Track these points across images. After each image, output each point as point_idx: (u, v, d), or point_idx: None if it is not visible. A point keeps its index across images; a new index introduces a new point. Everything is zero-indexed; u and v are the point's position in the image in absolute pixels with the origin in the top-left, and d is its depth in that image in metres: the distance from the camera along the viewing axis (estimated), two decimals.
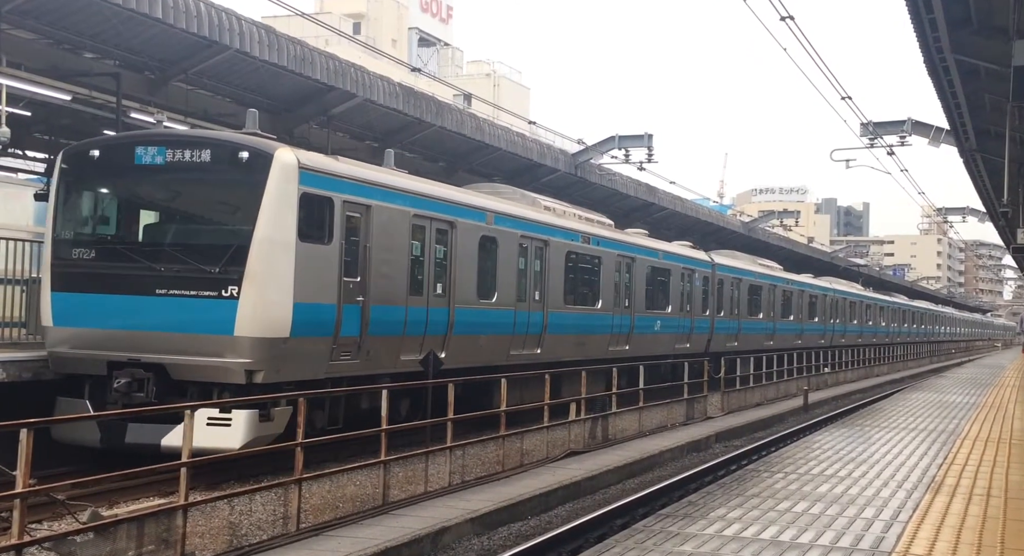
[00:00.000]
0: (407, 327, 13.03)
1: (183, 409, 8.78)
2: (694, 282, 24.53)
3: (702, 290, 25.22)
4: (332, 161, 12.26)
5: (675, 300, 23.32)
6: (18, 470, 7.14)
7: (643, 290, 21.37)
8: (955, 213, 36.36)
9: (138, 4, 12.61)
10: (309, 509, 9.79)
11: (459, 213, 14.40)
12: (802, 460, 11.55)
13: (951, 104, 14.05)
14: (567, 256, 17.90)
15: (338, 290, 11.67)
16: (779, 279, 32.76)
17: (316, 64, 15.82)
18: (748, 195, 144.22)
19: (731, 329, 27.45)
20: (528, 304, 16.46)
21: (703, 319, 25.22)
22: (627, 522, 10.64)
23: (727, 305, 27.23)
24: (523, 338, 16.28)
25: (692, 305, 24.44)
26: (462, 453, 12.60)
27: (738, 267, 28.84)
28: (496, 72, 73.01)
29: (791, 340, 33.19)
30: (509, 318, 15.84)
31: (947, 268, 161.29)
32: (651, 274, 22.01)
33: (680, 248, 25.09)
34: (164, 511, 8.34)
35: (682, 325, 23.75)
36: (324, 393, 11.61)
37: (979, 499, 9.09)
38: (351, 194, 11.99)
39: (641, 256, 21.39)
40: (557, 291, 17.41)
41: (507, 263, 15.76)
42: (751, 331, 29.22)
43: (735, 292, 27.92)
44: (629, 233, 22.66)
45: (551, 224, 17.53)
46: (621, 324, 20.11)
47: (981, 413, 18.74)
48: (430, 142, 20.43)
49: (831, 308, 39.14)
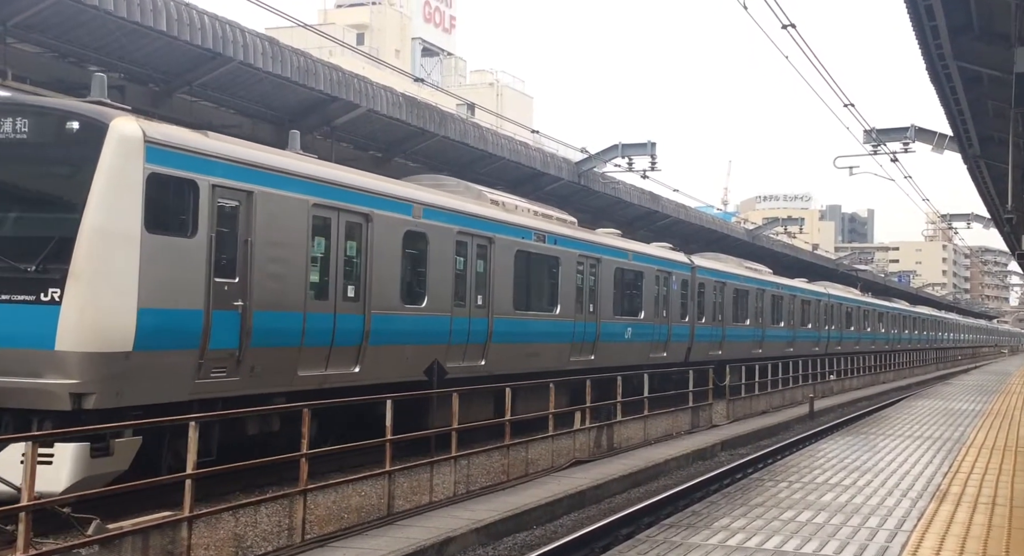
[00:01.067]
0: (307, 337, 11.12)
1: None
2: (671, 286, 22.70)
3: (680, 294, 23.37)
4: (196, 136, 10.20)
5: (649, 305, 21.42)
6: (23, 483, 7.16)
7: (610, 294, 19.49)
8: (960, 219, 36.29)
9: (142, 17, 12.67)
10: (314, 520, 9.79)
11: (376, 204, 12.51)
12: (807, 469, 11.53)
13: (954, 111, 14.04)
14: (517, 256, 16.06)
15: (206, 293, 9.75)
16: (768, 283, 31.04)
17: (319, 75, 15.88)
18: (752, 202, 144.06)
19: (714, 336, 25.63)
20: (468, 310, 14.59)
21: (682, 326, 23.36)
22: (632, 531, 10.64)
23: (709, 311, 25.35)
24: (462, 348, 14.41)
25: (669, 311, 22.58)
26: (467, 463, 12.59)
27: (721, 270, 26.96)
28: (499, 81, 73.18)
29: (782, 348, 31.63)
30: (443, 326, 13.94)
31: (952, 274, 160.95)
32: (620, 277, 20.15)
33: (655, 249, 23.29)
34: (169, 523, 8.35)
35: (657, 333, 21.90)
36: (215, 416, 9.74)
37: (984, 508, 9.07)
38: (225, 177, 10.08)
39: (608, 257, 19.47)
40: (505, 295, 15.53)
41: (440, 263, 13.89)
42: (737, 339, 27.40)
43: (718, 297, 26.07)
44: (598, 232, 20.91)
45: (497, 220, 15.60)
46: (584, 332, 18.30)
47: (987, 420, 18.68)
48: (433, 152, 20.47)
49: (826, 314, 37.60)
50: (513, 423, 13.94)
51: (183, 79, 14.75)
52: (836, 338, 39.03)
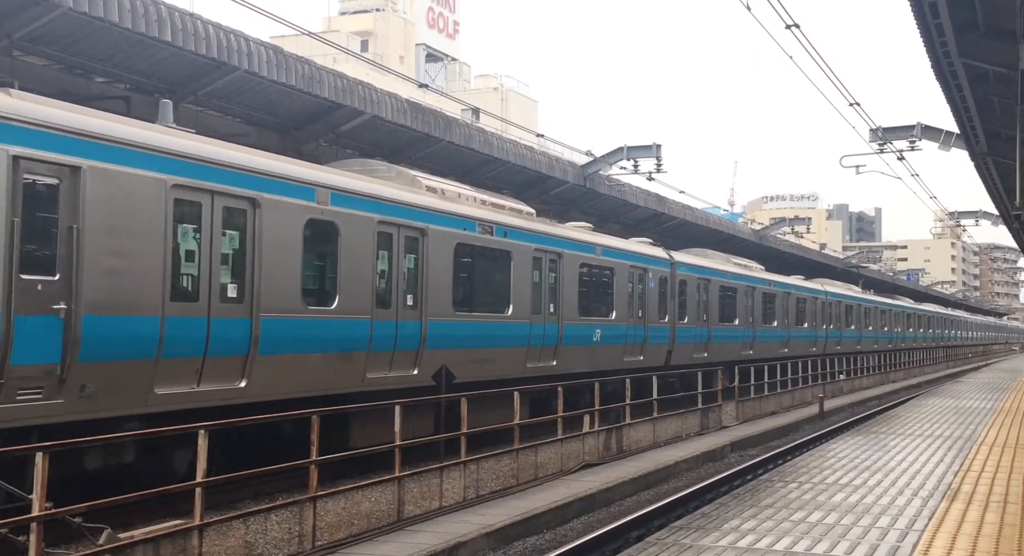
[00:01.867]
0: (166, 346, 9.37)
1: None
2: (647, 283, 20.97)
3: (659, 293, 21.64)
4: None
5: (622, 305, 19.63)
6: (34, 494, 7.19)
7: (575, 293, 17.70)
8: (968, 217, 36.19)
9: (148, 28, 12.74)
10: (324, 527, 9.81)
11: (266, 187, 10.75)
12: (817, 469, 11.50)
13: (960, 108, 14.01)
14: (458, 249, 14.38)
15: (4, 293, 7.98)
16: (759, 280, 29.15)
17: (324, 82, 15.93)
18: (759, 203, 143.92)
19: (698, 338, 23.93)
20: (396, 311, 12.85)
21: (660, 327, 21.66)
22: (642, 534, 10.62)
23: (693, 310, 23.59)
24: (387, 356, 12.68)
25: (646, 311, 20.87)
26: (476, 467, 12.60)
27: (705, 266, 25.14)
28: (503, 86, 73.27)
29: (775, 349, 30.01)
30: (362, 330, 12.21)
31: (962, 272, 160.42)
32: (586, 274, 18.43)
33: (628, 244, 21.37)
34: (180, 531, 8.37)
35: (632, 335, 20.14)
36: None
37: (996, 506, 9.03)
38: (38, 148, 8.29)
39: (571, 251, 17.70)
40: (443, 294, 13.82)
41: (356, 257, 12.11)
42: (724, 339, 25.71)
43: (702, 295, 24.29)
44: (563, 226, 19.01)
45: (431, 208, 13.82)
46: (544, 335, 16.68)
47: (998, 418, 18.61)
48: (439, 157, 20.50)
49: (823, 312, 35.72)
50: (522, 427, 13.80)
51: (188, 89, 14.81)
52: (835, 337, 37.34)
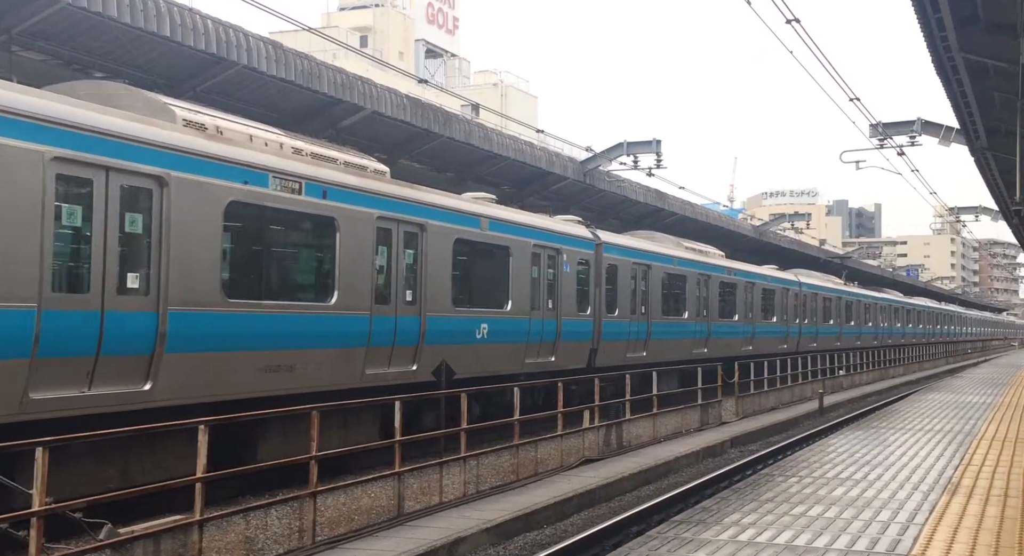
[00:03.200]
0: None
1: None
2: (560, 267, 17.38)
3: (578, 280, 18.16)
4: None
5: (521, 293, 16.08)
6: (35, 489, 7.19)
7: (446, 278, 14.04)
8: (968, 212, 36.20)
9: (146, 23, 12.72)
10: (324, 522, 9.80)
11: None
12: (817, 464, 11.50)
13: (960, 103, 14.00)
14: (234, 212, 10.38)
15: None
16: (715, 267, 25.45)
17: (324, 78, 15.91)
18: (759, 199, 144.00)
19: (634, 334, 20.50)
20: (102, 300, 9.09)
21: (580, 321, 18.14)
22: (643, 529, 10.62)
23: (626, 301, 20.05)
24: None
25: (559, 301, 17.36)
26: (476, 463, 12.60)
27: (643, 249, 21.36)
28: (503, 82, 73.24)
29: (737, 346, 26.78)
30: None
31: (961, 268, 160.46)
32: (465, 252, 14.67)
33: (532, 217, 17.38)
34: (180, 527, 8.36)
35: (537, 330, 16.65)
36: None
37: (996, 500, 9.03)
38: None
39: (440, 224, 13.85)
40: (196, 277, 9.96)
41: None
42: (669, 336, 22.32)
43: (639, 283, 20.73)
44: (439, 192, 14.72)
45: (170, 147, 9.69)
46: (395, 331, 12.87)
47: (998, 413, 18.62)
48: (438, 153, 20.49)
49: (796, 305, 32.38)
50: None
51: (188, 84, 14.79)
52: (810, 333, 33.92)
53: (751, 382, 25.43)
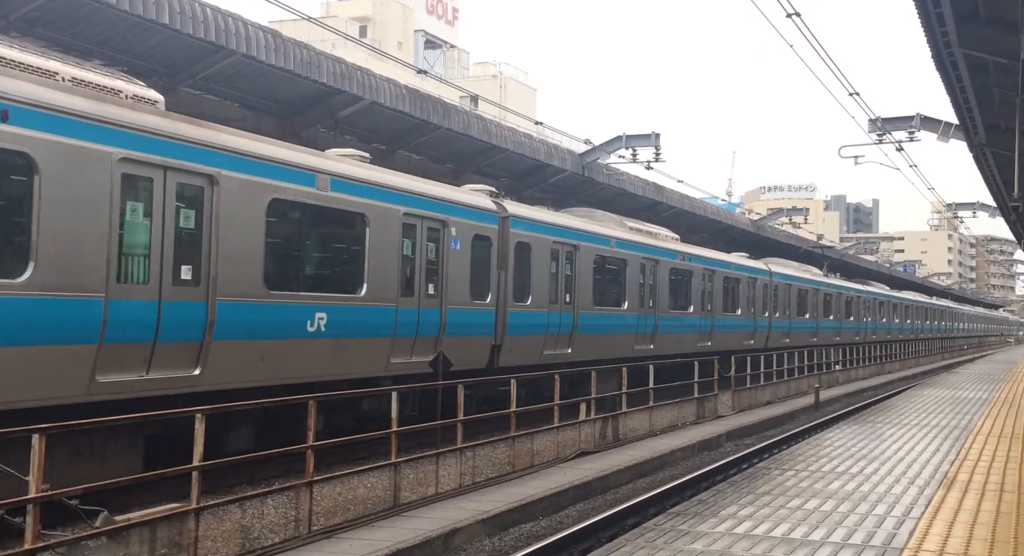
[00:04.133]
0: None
1: None
2: (445, 243, 14.11)
3: (473, 261, 14.84)
4: None
5: (384, 276, 12.85)
6: (31, 475, 7.19)
7: (253, 252, 10.71)
8: (965, 208, 36.23)
9: (145, 10, 12.67)
10: (320, 511, 9.81)
11: None
12: (813, 457, 11.52)
13: (960, 99, 13.98)
14: None
15: None
16: (665, 252, 22.36)
17: (323, 67, 15.87)
18: (756, 193, 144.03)
19: (555, 327, 17.30)
20: None
21: (477, 311, 14.89)
22: (638, 521, 10.63)
23: (542, 288, 16.80)
24: None
25: (444, 286, 14.05)
26: (472, 454, 12.61)
27: (567, 227, 18.13)
28: (502, 73, 73.11)
29: (692, 342, 23.83)
30: None
31: (958, 264, 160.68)
32: (283, 217, 11.42)
33: (395, 177, 13.61)
34: (176, 515, 8.36)
35: (408, 323, 13.31)
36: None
37: (992, 494, 9.06)
38: None
39: (235, 175, 10.43)
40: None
41: None
42: (604, 330, 19.35)
43: (562, 267, 17.59)
44: (237, 134, 10.98)
45: None
46: (166, 322, 9.62)
47: (994, 409, 18.66)
48: (437, 144, 20.46)
49: (766, 297, 29.80)
50: None
51: (187, 72, 14.75)
52: (782, 328, 31.13)
53: (747, 376, 25.47)
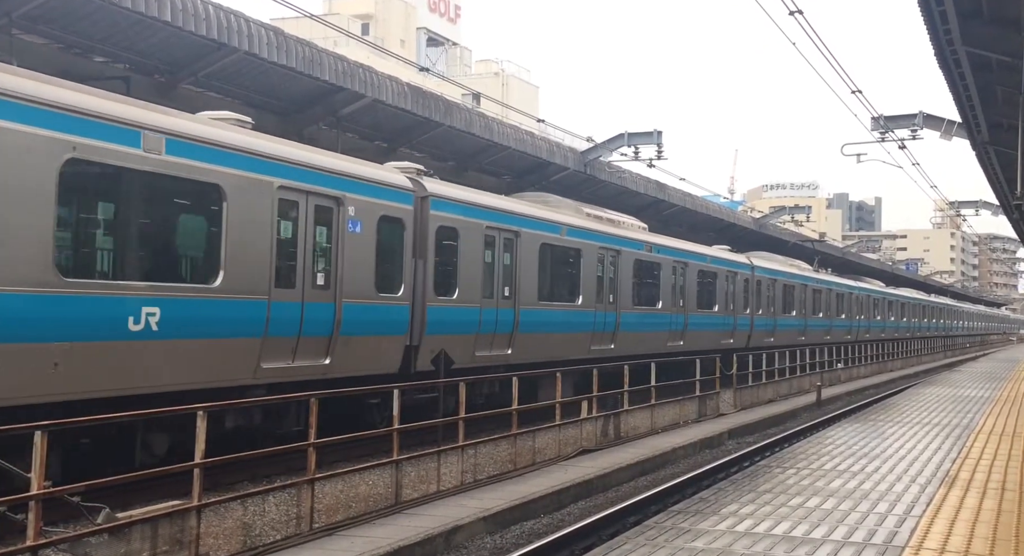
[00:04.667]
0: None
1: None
2: (340, 225, 12.05)
3: (376, 246, 12.70)
4: None
5: (243, 263, 10.65)
6: (33, 472, 7.19)
7: (34, 227, 8.37)
8: (968, 207, 36.16)
9: (147, 7, 12.66)
10: (322, 509, 9.82)
11: None
12: (815, 456, 11.52)
13: (962, 97, 13.96)
14: None
15: None
16: (628, 242, 20.49)
17: (325, 65, 15.85)
18: (759, 191, 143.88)
19: (490, 324, 15.08)
20: None
21: (381, 305, 12.82)
22: (639, 519, 10.63)
23: (473, 279, 14.66)
24: None
25: (338, 275, 12.01)
26: (474, 452, 12.61)
27: (504, 210, 15.84)
28: (504, 71, 73.05)
29: (661, 341, 21.81)
30: None
31: (961, 262, 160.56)
32: (137, 196, 9.68)
33: (267, 142, 11.32)
34: (178, 512, 8.37)
35: (284, 319, 11.18)
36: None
37: (993, 493, 9.05)
38: None
39: (80, 139, 8.67)
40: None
41: None
42: (553, 327, 17.21)
43: (500, 256, 15.51)
44: None
45: None
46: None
47: (996, 407, 18.65)
48: (439, 142, 20.45)
49: (747, 293, 27.86)
50: None
51: (188, 70, 14.74)
52: (766, 327, 29.30)
53: (749, 374, 25.47)
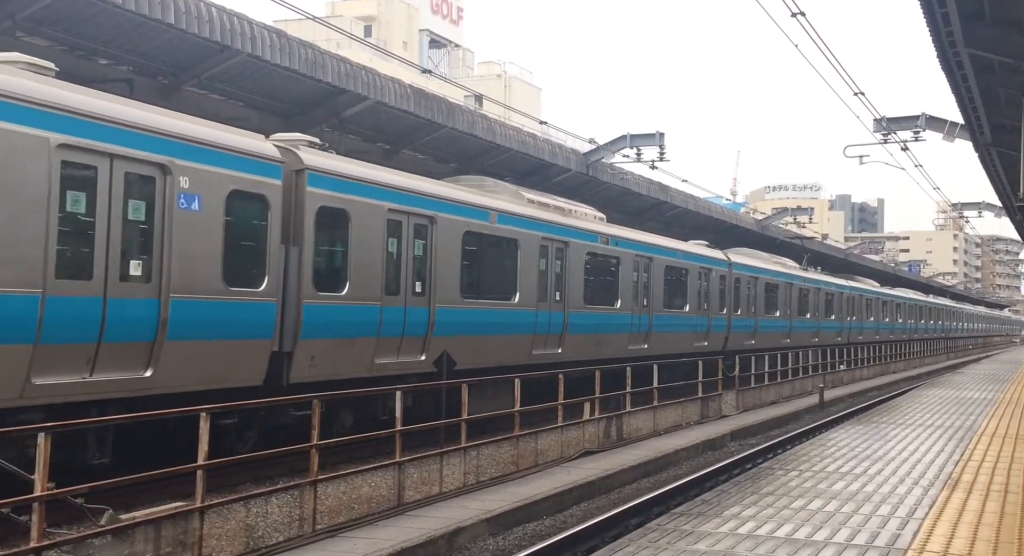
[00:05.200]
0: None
1: None
2: (167, 200, 9.67)
3: (223, 228, 10.44)
4: None
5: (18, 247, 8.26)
6: (37, 474, 7.21)
7: None
8: (971, 208, 36.17)
9: (151, 10, 12.68)
10: (325, 510, 9.83)
11: None
12: (817, 458, 11.52)
13: (965, 99, 13.97)
14: None
15: None
16: (579, 232, 18.18)
17: (327, 67, 15.87)
18: (761, 192, 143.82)
19: (394, 327, 12.88)
20: None
21: (235, 302, 10.53)
22: (642, 521, 10.64)
23: (371, 272, 12.53)
24: None
25: (165, 265, 9.66)
26: (476, 454, 12.62)
27: (417, 192, 13.57)
28: (507, 73, 73.09)
29: (620, 345, 19.44)
30: None
31: (964, 264, 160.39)
32: None
33: (61, 91, 9.10)
34: (181, 513, 8.38)
35: (84, 317, 8.89)
36: None
37: (996, 495, 9.05)
38: None
39: None
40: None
41: None
42: (483, 329, 14.98)
43: (410, 247, 13.37)
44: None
45: None
46: None
47: (999, 409, 18.63)
48: (441, 144, 20.46)
49: (724, 291, 25.67)
50: None
51: (191, 72, 14.76)
52: (745, 328, 27.17)
53: (752, 376, 25.46)
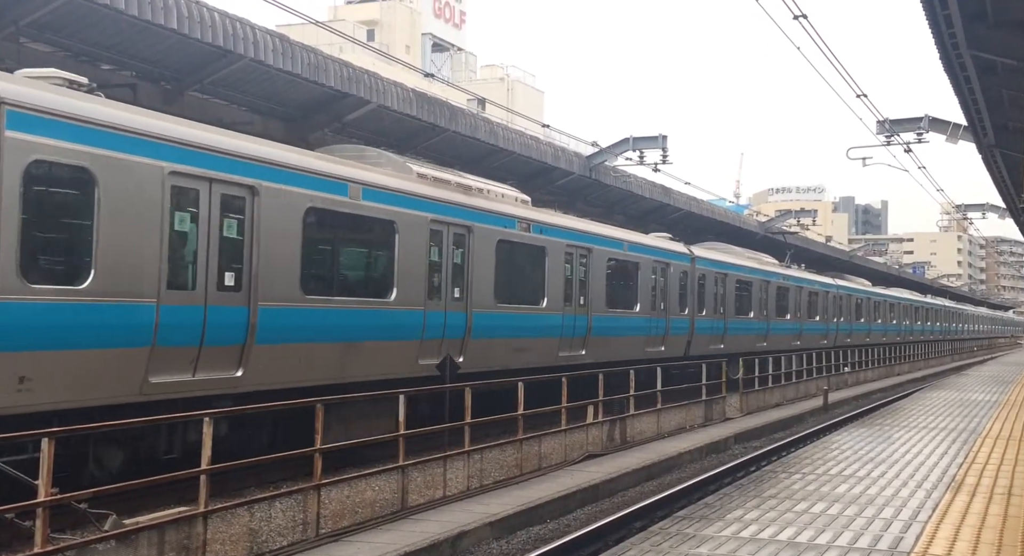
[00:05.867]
0: None
1: None
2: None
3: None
4: None
5: None
6: (40, 479, 7.22)
7: None
8: (975, 210, 36.11)
9: (153, 15, 12.71)
10: (328, 514, 9.83)
11: None
12: (820, 461, 11.50)
13: (968, 100, 13.94)
14: None
15: None
16: (492, 218, 15.22)
17: (330, 71, 15.90)
18: (764, 195, 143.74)
19: (189, 332, 9.85)
20: None
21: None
22: (645, 524, 10.63)
23: (141, 260, 9.33)
24: None
25: None
26: (480, 457, 12.62)
27: (226, 153, 10.33)
28: (509, 76, 73.14)
29: (547, 351, 16.77)
30: None
31: (968, 265, 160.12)
32: None
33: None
34: (184, 518, 8.39)
35: None
36: None
37: (1000, 498, 9.03)
38: None
39: None
40: None
41: None
42: (339, 335, 12.06)
43: (220, 228, 10.30)
44: None
45: None
46: None
47: (1003, 411, 18.58)
48: (444, 147, 20.48)
49: (686, 289, 23.20)
50: None
51: (194, 77, 14.80)
52: (711, 330, 24.75)
53: (755, 378, 25.44)
